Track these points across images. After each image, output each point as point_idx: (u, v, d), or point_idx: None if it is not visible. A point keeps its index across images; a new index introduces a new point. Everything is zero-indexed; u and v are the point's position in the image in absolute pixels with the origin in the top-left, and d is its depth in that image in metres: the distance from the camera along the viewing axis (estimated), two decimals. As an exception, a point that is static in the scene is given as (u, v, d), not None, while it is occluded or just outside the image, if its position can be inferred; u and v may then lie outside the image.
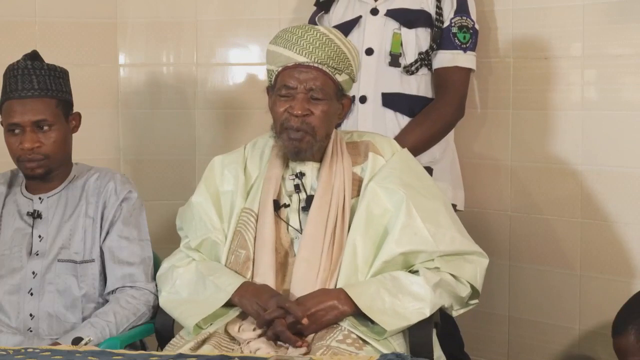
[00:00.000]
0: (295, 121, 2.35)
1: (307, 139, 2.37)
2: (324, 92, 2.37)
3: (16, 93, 2.48)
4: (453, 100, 2.97)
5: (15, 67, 2.51)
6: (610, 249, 2.99)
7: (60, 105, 2.53)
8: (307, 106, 2.35)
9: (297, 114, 2.34)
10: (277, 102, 2.39)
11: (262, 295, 2.28)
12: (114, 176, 2.61)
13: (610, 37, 2.96)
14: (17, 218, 2.57)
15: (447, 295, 2.33)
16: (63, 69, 2.58)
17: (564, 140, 3.08)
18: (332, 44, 2.38)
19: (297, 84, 2.36)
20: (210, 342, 2.25)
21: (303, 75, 2.36)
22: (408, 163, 2.49)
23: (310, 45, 2.36)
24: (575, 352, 3.11)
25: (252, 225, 2.41)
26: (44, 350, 2.00)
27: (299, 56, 2.36)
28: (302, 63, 2.36)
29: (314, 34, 2.38)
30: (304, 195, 2.43)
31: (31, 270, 2.51)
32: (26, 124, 2.47)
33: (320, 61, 2.36)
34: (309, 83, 2.35)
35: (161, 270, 2.52)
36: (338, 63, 2.38)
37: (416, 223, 2.32)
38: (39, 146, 2.49)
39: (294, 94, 2.36)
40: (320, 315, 2.24)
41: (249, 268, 2.37)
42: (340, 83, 2.41)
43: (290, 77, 2.37)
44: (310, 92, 2.36)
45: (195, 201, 2.51)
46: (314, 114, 2.36)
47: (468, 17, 2.97)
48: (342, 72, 2.40)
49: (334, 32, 2.43)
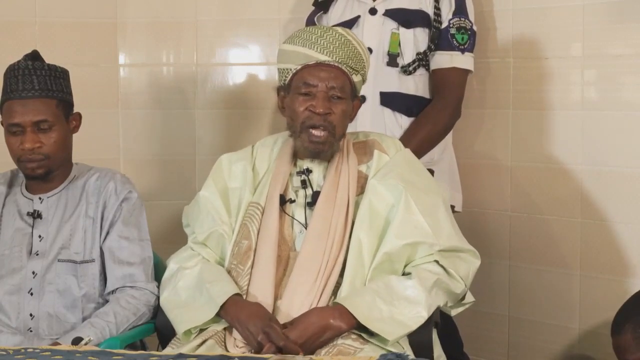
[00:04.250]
0: (318, 119, 2.37)
1: (329, 140, 2.39)
2: (343, 91, 2.39)
3: (17, 93, 2.48)
4: (450, 101, 2.97)
5: (15, 68, 2.51)
6: (610, 249, 2.99)
7: (60, 106, 2.53)
8: (329, 105, 2.37)
9: (320, 112, 2.36)
10: (296, 100, 2.40)
11: (253, 322, 2.24)
12: (114, 176, 2.61)
13: (610, 37, 2.96)
14: (17, 218, 2.57)
15: (443, 293, 2.34)
16: (64, 69, 2.58)
17: (564, 140, 3.08)
18: (350, 45, 2.40)
19: (318, 82, 2.37)
20: (212, 340, 2.26)
21: (324, 74, 2.37)
22: (409, 161, 2.51)
23: (330, 45, 2.38)
24: (575, 352, 3.11)
25: (257, 218, 2.42)
26: (44, 350, 2.00)
27: (320, 55, 2.38)
28: (324, 62, 2.38)
29: (333, 34, 2.40)
30: (310, 191, 2.44)
31: (31, 270, 2.52)
32: (27, 125, 2.48)
33: (340, 60, 2.39)
34: (331, 82, 2.37)
35: (169, 272, 2.51)
36: (355, 63, 2.41)
37: (416, 217, 2.34)
38: (40, 146, 2.49)
39: (314, 92, 2.37)
40: (315, 338, 2.22)
41: (249, 257, 2.38)
42: (356, 84, 2.44)
43: (312, 75, 2.38)
44: (331, 91, 2.38)
45: (202, 195, 2.52)
46: (335, 112, 2.38)
47: (466, 18, 2.97)
48: (358, 72, 2.43)
49: (350, 33, 2.46)
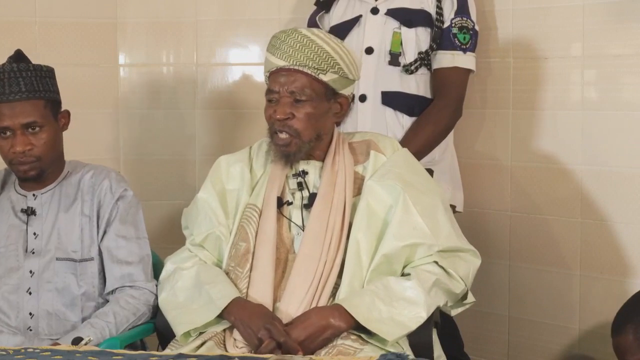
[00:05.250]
0: (278, 125, 2.39)
1: (294, 142, 2.40)
2: (306, 93, 2.39)
3: (4, 97, 2.47)
4: (452, 101, 2.97)
5: (1, 71, 2.49)
6: (610, 249, 2.99)
7: (48, 106, 2.52)
8: (290, 110, 2.38)
9: (278, 118, 2.39)
10: (265, 107, 2.45)
11: (255, 320, 2.25)
12: (108, 174, 2.61)
13: (610, 37, 2.96)
14: (11, 214, 2.57)
15: (442, 294, 2.34)
16: (49, 67, 2.57)
17: (564, 140, 3.08)
18: (312, 45, 2.39)
19: (279, 88, 2.40)
20: (211, 341, 2.26)
21: (283, 79, 2.40)
22: (407, 161, 2.51)
23: (289, 49, 2.39)
24: (575, 352, 3.11)
25: (254, 220, 2.42)
26: (44, 350, 2.00)
27: (279, 60, 2.40)
28: (283, 67, 2.40)
29: (295, 37, 2.40)
30: (307, 193, 2.44)
31: (28, 270, 2.52)
32: (16, 127, 2.47)
33: (299, 63, 2.39)
34: (290, 86, 2.39)
35: (166, 273, 2.52)
36: (320, 63, 2.39)
37: (414, 218, 2.34)
38: (31, 148, 2.49)
39: (277, 98, 2.40)
40: (315, 336, 2.23)
41: (247, 260, 2.38)
42: (328, 82, 2.41)
43: (274, 82, 2.42)
44: (293, 95, 2.39)
45: (200, 197, 2.53)
46: (297, 116, 2.39)
47: (468, 17, 2.97)
48: (327, 71, 2.40)
49: (318, 32, 2.44)
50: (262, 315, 2.26)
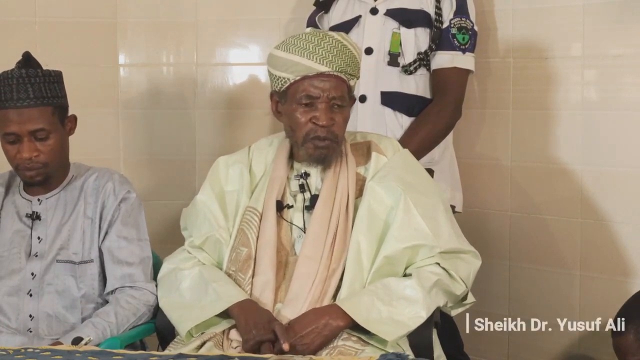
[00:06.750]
0: (322, 131, 2.37)
1: (332, 147, 2.39)
2: (343, 99, 2.40)
3: (12, 102, 2.46)
4: (451, 101, 2.97)
5: (9, 76, 2.47)
6: (610, 249, 2.99)
7: (56, 112, 2.51)
8: (331, 115, 2.38)
9: (323, 124, 2.36)
10: (297, 110, 2.39)
11: (261, 323, 2.24)
12: (112, 176, 2.61)
13: (610, 37, 2.96)
14: (16, 219, 2.57)
15: (443, 294, 2.34)
16: (57, 71, 2.56)
17: (564, 140, 3.08)
18: (347, 51, 2.40)
19: (320, 93, 2.37)
20: (210, 342, 2.26)
21: (325, 84, 2.37)
22: (408, 162, 2.50)
23: (329, 54, 2.37)
24: (575, 352, 3.11)
25: (255, 224, 2.42)
26: (44, 350, 2.00)
27: (320, 66, 2.37)
28: (324, 72, 2.37)
29: (330, 42, 2.39)
30: (309, 195, 2.44)
31: (30, 272, 2.52)
32: (23, 134, 2.46)
33: (340, 69, 2.38)
34: (332, 92, 2.37)
35: (163, 272, 2.52)
36: (353, 69, 2.41)
37: (415, 219, 2.33)
38: (37, 155, 2.48)
39: (316, 103, 2.37)
40: (315, 334, 2.23)
41: (250, 266, 2.38)
42: (352, 87, 2.44)
43: (313, 87, 2.37)
44: (332, 101, 2.38)
45: (199, 199, 2.52)
46: (337, 122, 2.39)
47: (467, 18, 2.97)
48: (355, 77, 2.43)
49: (345, 37, 2.44)
50: (269, 319, 2.25)
